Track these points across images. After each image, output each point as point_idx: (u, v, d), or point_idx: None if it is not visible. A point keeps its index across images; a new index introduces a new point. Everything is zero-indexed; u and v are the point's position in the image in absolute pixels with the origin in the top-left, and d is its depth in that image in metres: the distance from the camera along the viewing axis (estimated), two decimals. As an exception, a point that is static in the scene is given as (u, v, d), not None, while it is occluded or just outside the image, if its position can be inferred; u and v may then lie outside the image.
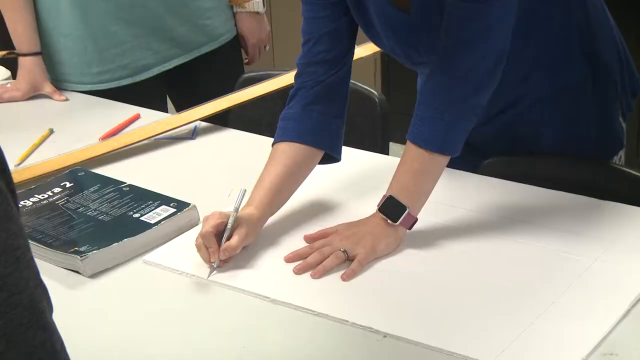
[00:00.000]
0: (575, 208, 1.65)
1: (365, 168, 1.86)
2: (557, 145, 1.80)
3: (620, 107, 1.82)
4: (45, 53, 2.36)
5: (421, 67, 1.77)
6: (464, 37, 1.55)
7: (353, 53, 1.72)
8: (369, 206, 1.60)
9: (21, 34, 2.29)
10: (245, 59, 2.56)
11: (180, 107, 2.38)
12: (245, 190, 1.59)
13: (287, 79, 2.12)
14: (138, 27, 2.31)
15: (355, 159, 1.88)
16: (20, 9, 2.27)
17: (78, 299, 1.50)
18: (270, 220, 1.64)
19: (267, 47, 2.60)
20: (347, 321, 1.38)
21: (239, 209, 1.55)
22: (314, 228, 1.63)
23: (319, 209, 1.71)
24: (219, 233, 1.52)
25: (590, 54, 1.75)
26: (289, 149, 1.65)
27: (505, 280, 1.46)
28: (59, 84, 2.39)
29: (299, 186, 1.68)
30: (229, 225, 1.52)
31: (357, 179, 1.81)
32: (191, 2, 2.35)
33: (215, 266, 1.51)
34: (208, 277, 1.51)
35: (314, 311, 1.41)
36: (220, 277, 1.51)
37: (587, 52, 1.74)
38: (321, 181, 1.76)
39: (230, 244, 1.51)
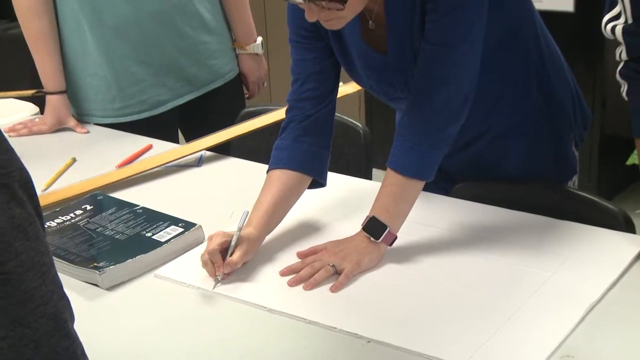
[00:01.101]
0: (536, 227, 1.65)
1: (351, 192, 1.86)
2: (519, 172, 1.80)
3: (573, 138, 1.83)
4: (72, 90, 2.36)
5: (398, 103, 1.77)
6: (436, 76, 1.55)
7: (337, 90, 1.72)
8: (353, 225, 1.60)
9: (49, 75, 2.29)
10: (246, 94, 2.56)
11: (190, 138, 2.38)
12: (248, 212, 1.59)
13: (282, 113, 2.10)
14: (155, 68, 2.31)
15: (341, 184, 1.88)
16: (49, 52, 2.27)
17: (97, 310, 1.49)
18: (267, 238, 1.63)
19: (265, 84, 2.60)
20: (335, 328, 1.37)
21: (241, 229, 1.55)
22: (305, 245, 1.63)
23: (309, 228, 1.71)
24: (223, 250, 1.52)
25: (546, 92, 1.75)
26: (282, 176, 1.65)
27: (475, 291, 1.46)
28: (83, 117, 2.39)
29: (291, 208, 1.67)
30: (233, 243, 1.52)
31: (343, 201, 1.81)
32: (200, 45, 2.35)
33: (219, 279, 1.51)
34: (213, 288, 1.51)
35: (305, 319, 1.41)
36: (223, 289, 1.51)
37: (543, 90, 1.75)
38: (311, 204, 1.76)
39: (232, 259, 1.51)
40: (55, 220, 1.75)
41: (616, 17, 1.53)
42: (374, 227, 1.55)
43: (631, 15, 1.49)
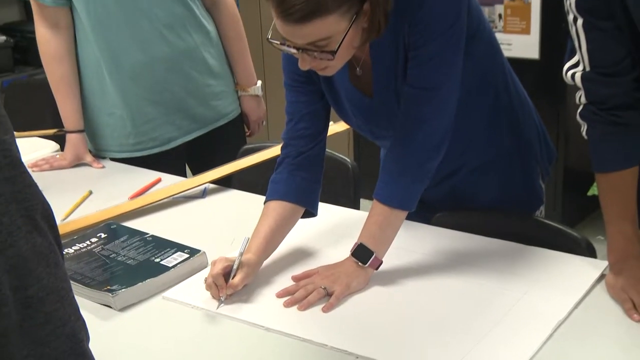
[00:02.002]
0: (507, 252, 1.65)
1: (340, 221, 1.86)
2: (492, 202, 1.80)
3: (539, 172, 1.83)
4: (90, 128, 2.36)
5: (383, 141, 1.78)
6: (417, 116, 1.55)
7: (328, 129, 1.72)
8: (343, 251, 1.59)
9: (69, 116, 2.30)
10: (247, 132, 2.56)
11: (196, 171, 2.38)
12: (249, 238, 1.58)
13: (279, 149, 2.10)
14: (166, 107, 2.32)
15: (332, 213, 1.88)
16: (70, 95, 2.28)
17: (110, 330, 1.48)
18: (265, 263, 1.63)
19: (264, 123, 2.61)
20: (327, 345, 1.37)
21: (242, 254, 1.55)
22: (299, 269, 1.62)
23: (303, 254, 1.70)
24: (226, 274, 1.52)
25: (515, 131, 1.76)
26: (278, 206, 1.65)
27: (454, 311, 1.46)
28: (100, 152, 2.39)
29: (286, 235, 1.67)
30: (235, 267, 1.52)
31: (333, 229, 1.81)
32: (206, 87, 2.36)
33: (223, 300, 1.51)
34: (217, 308, 1.50)
35: (299, 337, 1.40)
36: (225, 310, 1.50)
37: (513, 129, 1.75)
38: (305, 232, 1.75)
39: (234, 282, 1.51)
40: (73, 247, 1.75)
41: (575, 65, 1.54)
42: (361, 253, 1.55)
43: (588, 64, 1.50)
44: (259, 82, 2.50)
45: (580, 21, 1.47)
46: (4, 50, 4.04)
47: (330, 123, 1.76)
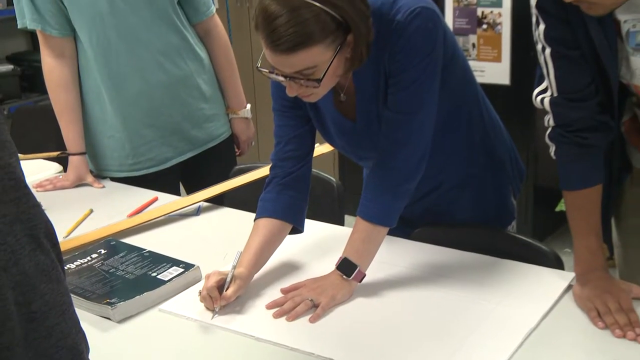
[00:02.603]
0: (482, 265, 1.65)
1: (326, 236, 1.85)
2: (467, 218, 1.81)
3: (511, 189, 1.84)
4: (92, 150, 2.35)
5: (365, 162, 1.78)
6: (397, 139, 1.55)
7: (313, 151, 1.72)
8: (328, 265, 1.59)
9: (72, 139, 2.29)
10: (237, 152, 2.56)
11: (189, 189, 2.37)
12: (241, 252, 1.58)
13: (268, 170, 2.11)
14: (163, 130, 2.31)
15: (318, 229, 1.87)
16: (73, 120, 2.27)
17: (109, 340, 1.47)
18: (256, 276, 1.62)
19: (253, 143, 2.61)
20: (314, 354, 1.36)
21: (235, 267, 1.54)
22: (288, 282, 1.61)
23: (291, 268, 1.70)
24: (220, 286, 1.52)
25: (489, 152, 1.76)
26: (267, 223, 1.64)
27: (433, 320, 1.46)
28: (101, 172, 2.39)
29: (275, 250, 1.66)
30: (228, 279, 1.52)
31: (319, 244, 1.80)
32: (200, 111, 2.35)
33: (217, 311, 1.50)
34: (212, 319, 1.50)
35: (288, 346, 1.40)
36: (218, 321, 1.50)
37: (486, 151, 1.76)
38: (292, 247, 1.75)
39: (227, 294, 1.51)
40: (75, 263, 1.73)
41: (544, 91, 1.55)
42: (346, 267, 1.55)
43: (556, 90, 1.51)
44: (249, 105, 2.51)
45: (548, 50, 1.49)
46: (11, 78, 4.04)
47: (317, 145, 1.76)
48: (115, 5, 2.13)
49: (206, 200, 2.12)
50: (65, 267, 1.70)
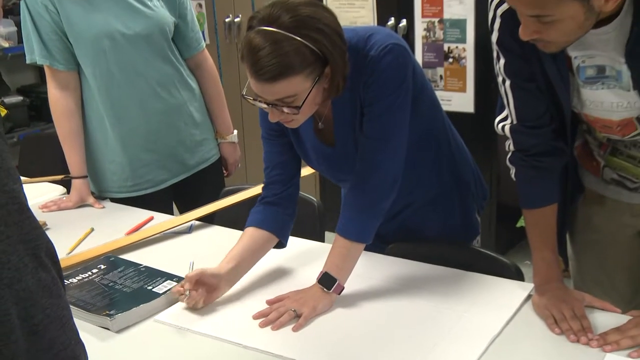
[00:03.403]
0: (449, 277, 1.65)
1: (308, 252, 1.84)
2: (436, 234, 1.80)
3: (476, 208, 1.84)
4: (94, 173, 2.34)
5: (343, 183, 1.78)
6: (372, 162, 1.55)
7: (299, 174, 1.72)
8: (310, 278, 1.58)
9: (75, 164, 2.27)
10: (225, 173, 2.56)
11: (182, 208, 2.36)
12: (193, 262, 1.63)
13: (254, 191, 2.12)
14: (159, 154, 2.30)
15: (301, 245, 1.87)
16: (76, 146, 2.26)
17: (108, 349, 1.46)
18: (242, 289, 1.61)
19: (239, 166, 2.60)
20: (296, 360, 1.35)
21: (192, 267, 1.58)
22: (273, 294, 1.60)
23: (275, 281, 1.69)
24: (199, 283, 1.54)
25: (455, 174, 1.77)
26: (254, 232, 1.64)
27: (405, 328, 1.45)
28: (102, 193, 2.37)
29: (259, 258, 1.66)
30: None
31: (302, 259, 1.79)
32: (191, 136, 2.35)
33: (186, 294, 1.53)
34: (184, 300, 1.53)
35: (273, 353, 1.39)
36: (208, 330, 1.48)
37: (452, 173, 1.76)
38: (277, 261, 1.74)
39: (188, 275, 1.54)
40: (76, 277, 1.71)
41: (505, 119, 1.56)
42: (326, 280, 1.54)
43: (515, 118, 1.52)
44: (235, 131, 2.51)
45: (508, 82, 1.50)
46: (20, 108, 4.04)
47: (302, 168, 1.76)
48: (117, 42, 2.14)
49: (198, 219, 2.10)
50: (68, 282, 1.69)
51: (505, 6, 1.39)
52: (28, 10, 2.13)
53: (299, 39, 1.36)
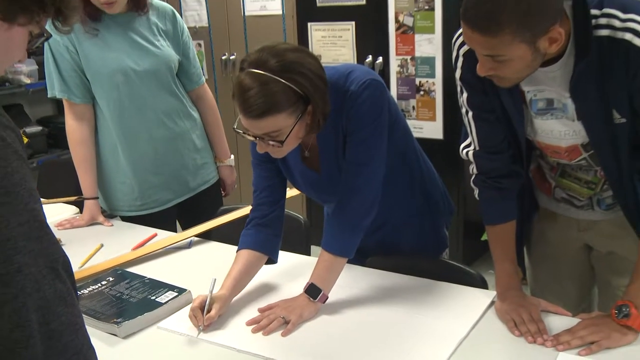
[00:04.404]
0: (422, 287, 1.65)
1: (295, 265, 1.84)
2: (410, 249, 1.80)
3: (444, 224, 1.84)
4: (105, 193, 2.33)
5: (328, 204, 1.78)
6: (354, 186, 1.56)
7: (285, 196, 1.71)
8: (297, 288, 1.58)
9: (87, 186, 2.27)
10: (223, 193, 2.56)
11: (185, 225, 2.35)
12: (215, 280, 1.56)
13: (247, 210, 2.11)
14: (165, 177, 2.30)
15: (289, 259, 1.86)
16: (89, 171, 2.25)
17: (116, 354, 1.45)
18: (237, 298, 1.60)
19: (236, 186, 2.60)
20: (285, 362, 1.35)
21: (213, 292, 1.53)
22: (264, 302, 1.60)
23: (266, 291, 1.68)
24: (203, 307, 1.50)
25: (425, 195, 1.77)
26: (247, 254, 1.63)
27: (382, 332, 1.45)
28: (113, 211, 2.36)
29: (252, 277, 1.65)
30: (207, 302, 1.50)
31: (290, 271, 1.79)
32: (193, 161, 2.35)
33: (201, 329, 1.48)
34: (197, 335, 1.47)
35: (264, 356, 1.38)
36: (205, 336, 1.48)
37: (424, 194, 1.77)
38: (268, 274, 1.74)
39: (210, 315, 1.49)
40: (88, 289, 1.70)
41: (469, 145, 1.58)
42: (312, 291, 1.54)
43: (478, 145, 1.54)
44: (232, 156, 2.52)
45: (470, 113, 1.52)
46: (40, 137, 4.07)
47: (288, 189, 1.76)
48: (128, 78, 2.15)
49: (197, 236, 2.10)
50: (79, 293, 1.68)
51: (466, 47, 1.41)
52: (51, 51, 2.15)
53: (283, 81, 1.37)
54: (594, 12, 1.28)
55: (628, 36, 1.25)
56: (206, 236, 2.12)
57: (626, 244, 1.53)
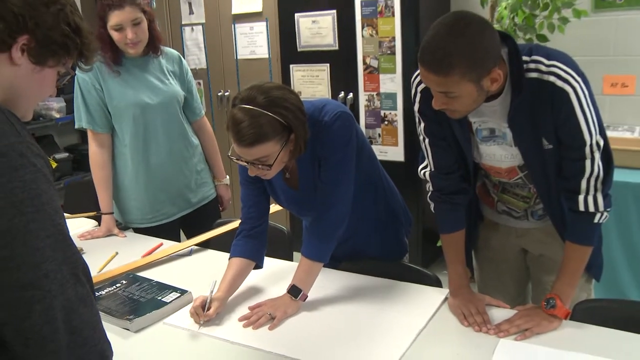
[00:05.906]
0: (386, 287, 1.65)
1: (280, 269, 1.83)
2: (376, 254, 1.80)
3: (404, 232, 1.84)
4: (122, 208, 2.32)
5: (306, 217, 1.78)
6: (328, 202, 1.56)
7: (269, 212, 1.70)
8: (281, 289, 1.58)
9: (105, 203, 2.25)
10: (221, 208, 2.55)
11: (188, 236, 2.34)
12: (217, 281, 1.56)
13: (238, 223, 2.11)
14: (172, 194, 2.29)
15: (274, 264, 1.86)
16: (107, 190, 2.24)
17: (128, 346, 1.44)
18: (231, 299, 1.60)
19: (231, 202, 2.60)
20: (272, 352, 1.35)
21: (213, 292, 1.52)
22: (253, 301, 1.60)
23: (255, 292, 1.68)
24: (203, 306, 1.50)
25: (388, 209, 1.77)
26: (238, 261, 1.62)
27: (352, 326, 1.45)
28: (127, 224, 2.34)
29: (243, 280, 1.64)
30: (208, 300, 1.50)
31: (275, 275, 1.78)
32: (194, 180, 2.35)
33: (202, 323, 1.47)
34: (198, 329, 1.47)
35: (253, 347, 1.38)
36: (204, 330, 1.47)
37: (386, 208, 1.77)
38: (256, 278, 1.73)
39: (209, 313, 1.48)
40: (105, 290, 1.69)
41: (425, 167, 1.59)
42: (294, 291, 1.54)
43: (433, 166, 1.56)
44: (227, 176, 2.52)
45: (427, 140, 1.53)
46: (66, 162, 4.10)
47: (273, 206, 1.76)
48: (144, 110, 2.16)
49: (197, 245, 2.09)
50: (98, 294, 1.66)
51: (423, 84, 1.43)
52: (80, 89, 2.16)
53: (270, 114, 1.38)
54: (525, 58, 1.31)
55: (552, 79, 1.28)
56: (205, 245, 2.11)
57: (554, 248, 1.56)
